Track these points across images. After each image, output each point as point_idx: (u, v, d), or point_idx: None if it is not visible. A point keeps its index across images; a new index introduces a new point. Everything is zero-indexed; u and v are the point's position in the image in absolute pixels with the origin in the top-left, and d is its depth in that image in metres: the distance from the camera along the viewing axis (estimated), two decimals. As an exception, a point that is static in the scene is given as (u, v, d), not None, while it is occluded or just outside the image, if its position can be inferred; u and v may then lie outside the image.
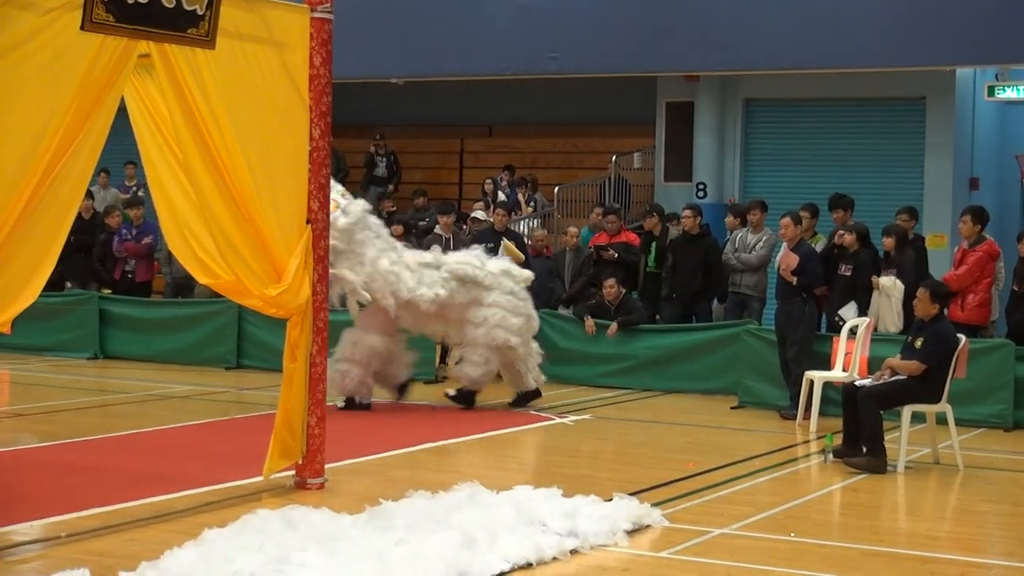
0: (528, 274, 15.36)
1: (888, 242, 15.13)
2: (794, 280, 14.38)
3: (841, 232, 15.47)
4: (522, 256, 17.05)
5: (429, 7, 22.75)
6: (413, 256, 14.79)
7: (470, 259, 14.92)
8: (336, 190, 13.34)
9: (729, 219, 17.64)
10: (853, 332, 14.16)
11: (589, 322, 16.63)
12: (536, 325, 15.27)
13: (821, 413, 13.77)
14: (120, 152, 17.23)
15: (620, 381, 16.59)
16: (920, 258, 15.55)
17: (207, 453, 11.91)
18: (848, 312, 14.78)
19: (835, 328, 14.73)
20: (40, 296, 8.45)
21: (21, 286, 8.19)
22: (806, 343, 14.52)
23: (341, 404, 14.39)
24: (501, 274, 14.91)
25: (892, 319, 14.66)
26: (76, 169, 8.41)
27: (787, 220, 14.61)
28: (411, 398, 15.35)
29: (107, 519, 9.10)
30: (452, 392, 15.13)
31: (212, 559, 7.66)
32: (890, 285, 14.72)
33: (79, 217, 19.41)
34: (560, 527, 8.68)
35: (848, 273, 15.18)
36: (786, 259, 14.48)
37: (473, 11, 22.61)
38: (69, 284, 20.02)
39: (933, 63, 20.11)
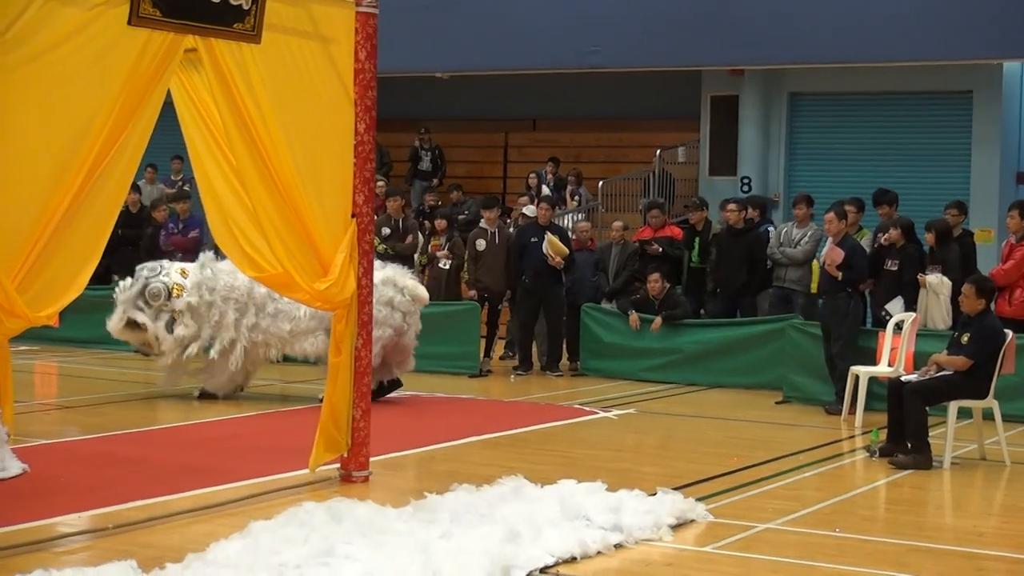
0: (423, 292, 14.76)
1: (930, 237, 15.03)
2: (839, 275, 14.32)
3: (886, 232, 15.38)
4: (566, 250, 17.06)
5: (473, 2, 22.79)
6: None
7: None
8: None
9: (752, 212, 17.59)
10: (899, 327, 14.09)
11: (633, 316, 16.62)
12: (408, 341, 14.55)
13: (866, 408, 13.71)
14: (167, 147, 17.32)
15: (664, 375, 16.57)
16: (968, 253, 15.45)
17: (253, 446, 11.96)
18: (894, 307, 14.71)
19: (881, 323, 14.65)
20: (88, 289, 8.51)
21: (68, 279, 8.24)
22: (851, 338, 14.46)
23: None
24: (383, 283, 14.05)
25: (941, 316, 14.57)
26: (121, 163, 8.45)
27: (831, 215, 14.55)
28: (456, 392, 15.38)
29: (153, 511, 9.15)
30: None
31: (258, 551, 7.69)
32: (937, 283, 14.62)
33: (126, 211, 19.70)
34: (604, 521, 8.67)
35: (894, 268, 15.10)
36: (831, 254, 14.41)
37: (517, 5, 22.65)
38: (116, 278, 20.08)
39: (980, 56, 20.02)
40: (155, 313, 14.51)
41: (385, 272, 14.38)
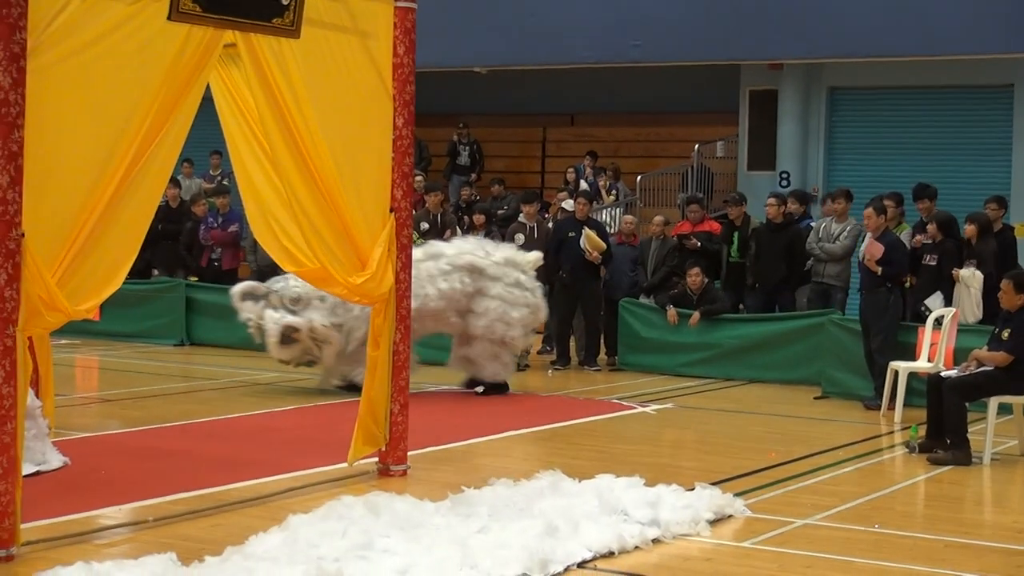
0: (535, 256, 15.21)
1: (971, 230, 14.89)
2: (879, 270, 14.26)
3: (924, 228, 15.32)
4: (603, 245, 17.05)
5: (512, -4, 22.83)
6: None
7: (473, 247, 14.84)
8: None
9: (794, 205, 17.54)
10: (939, 322, 14.03)
11: (671, 311, 16.59)
12: (543, 316, 15.14)
13: (906, 404, 13.65)
14: (206, 141, 17.41)
15: (702, 370, 16.53)
16: (1008, 248, 15.36)
17: (292, 439, 12.00)
18: (934, 302, 14.63)
19: (921, 318, 14.60)
20: (128, 283, 8.57)
21: (108, 273, 8.29)
22: (891, 334, 14.39)
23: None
24: (506, 263, 14.70)
25: (971, 310, 14.48)
26: (159, 157, 8.49)
27: (869, 210, 14.49)
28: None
29: (193, 504, 9.20)
30: (480, 389, 14.93)
31: (297, 544, 7.73)
32: (969, 276, 14.54)
33: (166, 205, 19.81)
34: (642, 516, 8.67)
35: (933, 263, 15.01)
36: (870, 248, 14.35)
37: (556, 0, 22.64)
38: (156, 272, 20.24)
39: (1021, 50, 19.87)
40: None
41: (502, 254, 14.83)
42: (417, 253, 13.61)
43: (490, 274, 14.62)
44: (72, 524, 8.56)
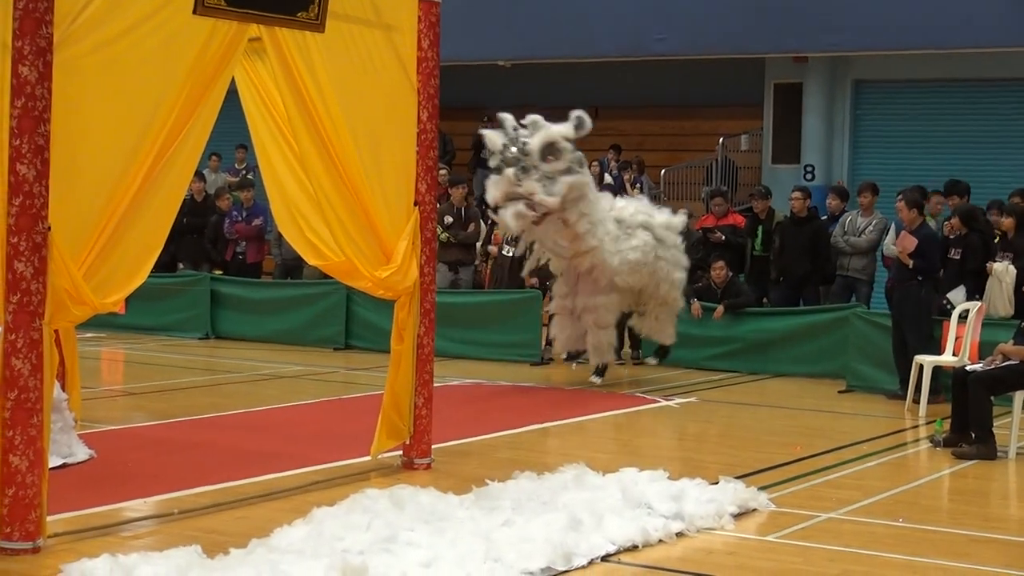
0: (682, 219, 15.40)
1: (1008, 223, 14.71)
2: (910, 263, 14.18)
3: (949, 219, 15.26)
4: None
5: (536, -11, 22.81)
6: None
7: (644, 208, 14.97)
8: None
9: (835, 201, 17.49)
10: (963, 316, 13.98)
11: (696, 305, 16.56)
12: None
13: (930, 398, 13.61)
14: (230, 135, 17.44)
15: (727, 364, 16.51)
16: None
17: (316, 432, 12.03)
18: (956, 296, 14.57)
19: (945, 312, 14.54)
20: (153, 277, 8.60)
21: (133, 267, 8.31)
22: (925, 327, 14.28)
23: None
24: (666, 227, 14.98)
25: (1003, 304, 14.42)
26: (185, 151, 8.51)
27: (902, 203, 14.40)
28: (517, 380, 15.41)
29: (218, 497, 9.23)
30: (653, 361, 15.68)
31: (321, 537, 7.75)
32: (1002, 270, 14.47)
33: (191, 199, 19.87)
34: (666, 510, 8.67)
35: (957, 257, 14.94)
36: (903, 241, 14.25)
37: (581, -7, 22.65)
38: (181, 265, 20.32)
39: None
40: None
41: (661, 214, 15.07)
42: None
43: (658, 235, 14.85)
44: (98, 517, 8.59)
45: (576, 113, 13.85)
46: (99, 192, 8.02)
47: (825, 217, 17.39)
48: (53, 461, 8.89)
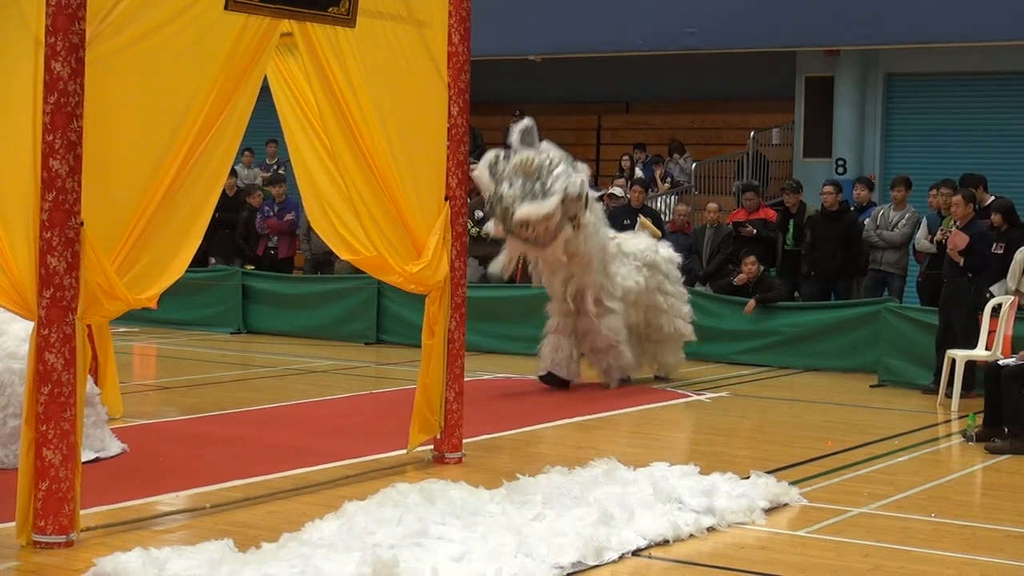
0: (679, 256, 15.43)
1: None
2: (961, 260, 14.04)
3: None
4: (659, 233, 16.99)
5: (567, -16, 22.79)
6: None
7: (649, 243, 14.94)
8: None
9: (863, 192, 17.42)
10: (997, 311, 13.90)
11: (750, 303, 16.36)
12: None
13: (963, 394, 13.55)
14: (262, 130, 17.48)
15: (758, 358, 16.47)
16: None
17: (347, 427, 12.06)
18: (999, 290, 14.47)
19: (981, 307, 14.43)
20: (186, 272, 8.61)
21: (167, 262, 8.34)
22: (973, 323, 14.17)
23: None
24: (669, 262, 15.03)
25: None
26: (221, 147, 8.54)
27: (958, 198, 14.23)
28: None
29: (250, 491, 9.26)
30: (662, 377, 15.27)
31: (352, 531, 7.76)
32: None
33: (223, 194, 19.83)
34: (697, 504, 8.66)
35: (1000, 251, 14.80)
36: (954, 238, 14.08)
37: (611, -13, 22.61)
38: (213, 260, 20.39)
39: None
40: None
41: (665, 248, 15.12)
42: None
43: (663, 270, 14.91)
44: (130, 511, 8.64)
45: (519, 126, 13.81)
46: (132, 188, 8.05)
47: (853, 208, 17.33)
48: (86, 455, 8.93)
